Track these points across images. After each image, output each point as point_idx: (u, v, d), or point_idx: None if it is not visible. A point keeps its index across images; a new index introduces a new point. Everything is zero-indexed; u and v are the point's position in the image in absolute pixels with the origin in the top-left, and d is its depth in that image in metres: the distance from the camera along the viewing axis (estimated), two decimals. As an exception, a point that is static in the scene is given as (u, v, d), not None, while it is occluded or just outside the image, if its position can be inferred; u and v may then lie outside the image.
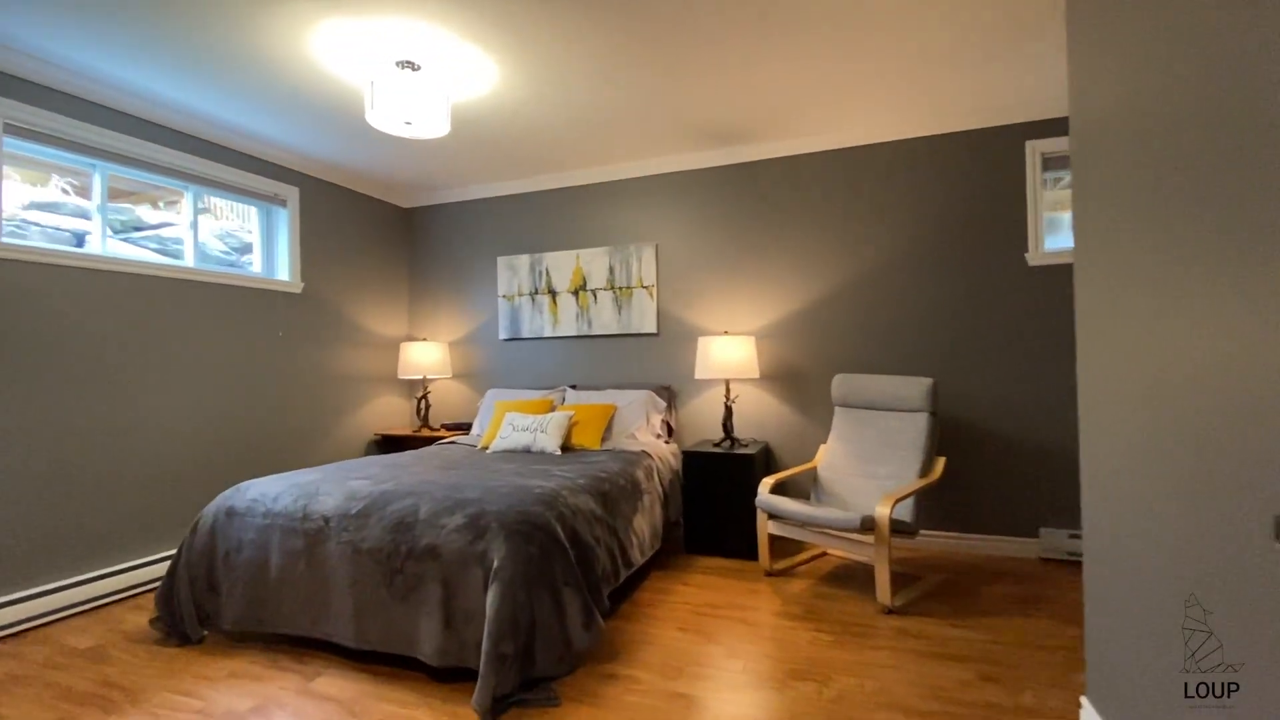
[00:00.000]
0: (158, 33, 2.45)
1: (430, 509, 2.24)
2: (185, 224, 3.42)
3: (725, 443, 3.58)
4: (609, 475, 2.83)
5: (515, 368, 4.44)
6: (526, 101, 3.13)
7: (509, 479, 2.59)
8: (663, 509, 3.28)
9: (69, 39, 2.48)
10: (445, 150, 3.79)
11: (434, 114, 2.74)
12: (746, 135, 3.61)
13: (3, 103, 2.58)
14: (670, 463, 3.53)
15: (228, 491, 2.62)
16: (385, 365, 4.59)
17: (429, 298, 4.76)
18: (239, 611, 2.42)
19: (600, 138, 3.62)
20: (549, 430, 3.43)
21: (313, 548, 2.32)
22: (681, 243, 3.99)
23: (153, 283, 3.13)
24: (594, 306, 4.16)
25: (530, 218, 4.40)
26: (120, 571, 2.92)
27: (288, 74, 2.80)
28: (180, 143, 3.27)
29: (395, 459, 3.17)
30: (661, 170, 4.01)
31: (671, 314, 4.00)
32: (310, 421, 3.97)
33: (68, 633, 2.59)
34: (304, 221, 3.99)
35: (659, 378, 4.03)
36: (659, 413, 3.78)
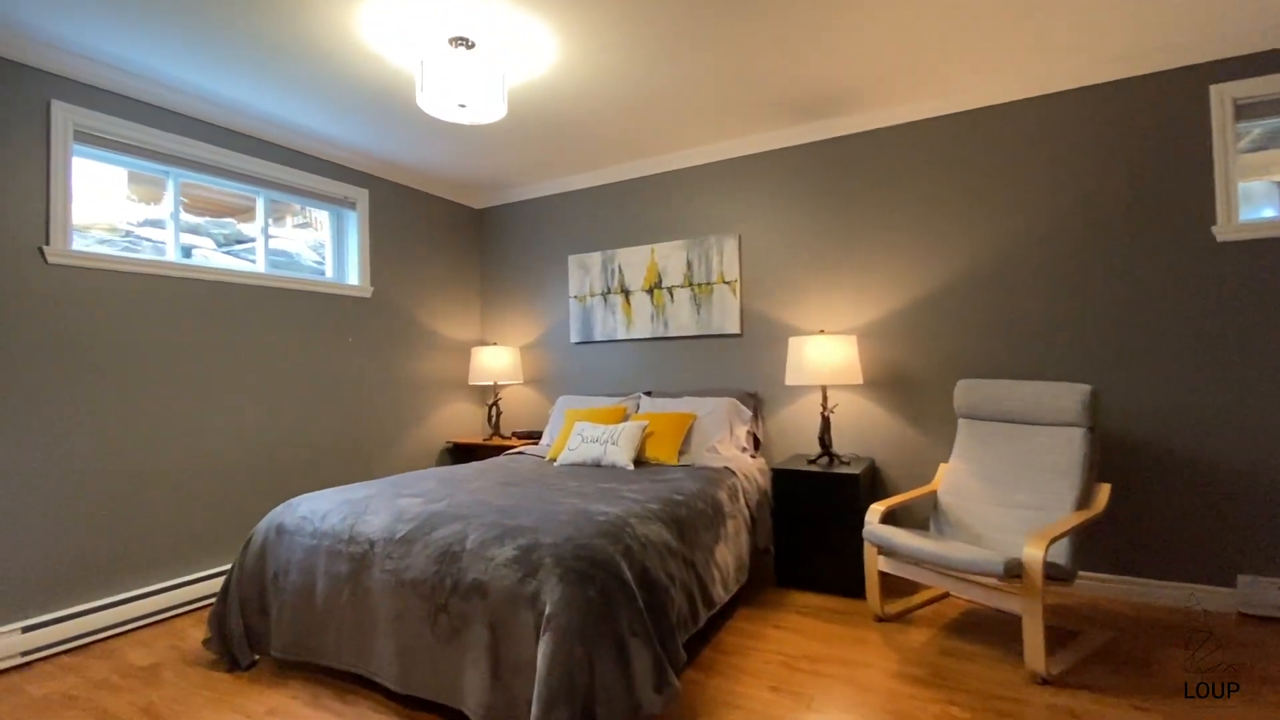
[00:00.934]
0: (205, 27, 2.33)
1: (479, 537, 1.95)
2: (259, 229, 3.38)
3: (822, 459, 3.10)
4: (686, 497, 2.45)
5: (587, 373, 4.15)
6: (589, 81, 2.82)
7: (570, 501, 2.26)
8: (749, 535, 2.85)
9: (124, 38, 2.41)
10: (507, 143, 3.55)
11: (489, 95, 2.47)
12: (841, 105, 3.13)
13: (72, 109, 2.56)
14: (758, 481, 3.10)
15: (279, 507, 2.46)
16: (457, 370, 4.44)
17: (501, 300, 4.57)
18: (286, 639, 2.24)
19: (672, 119, 3.25)
20: (620, 442, 3.09)
21: (357, 575, 2.09)
22: (767, 232, 3.54)
23: (225, 289, 3.08)
24: (670, 306, 3.79)
25: (601, 213, 4.11)
26: (190, 582, 2.86)
27: (338, 60, 2.63)
28: (250, 147, 3.22)
29: (455, 472, 2.94)
30: (743, 152, 3.59)
31: (757, 312, 3.57)
32: (382, 429, 3.86)
33: (132, 647, 2.52)
34: (374, 224, 3.89)
35: (743, 383, 3.59)
36: (744, 423, 3.35)
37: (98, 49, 2.48)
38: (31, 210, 2.45)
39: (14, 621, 2.37)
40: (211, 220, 3.20)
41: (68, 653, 2.47)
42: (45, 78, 2.49)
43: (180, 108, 2.90)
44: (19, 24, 2.29)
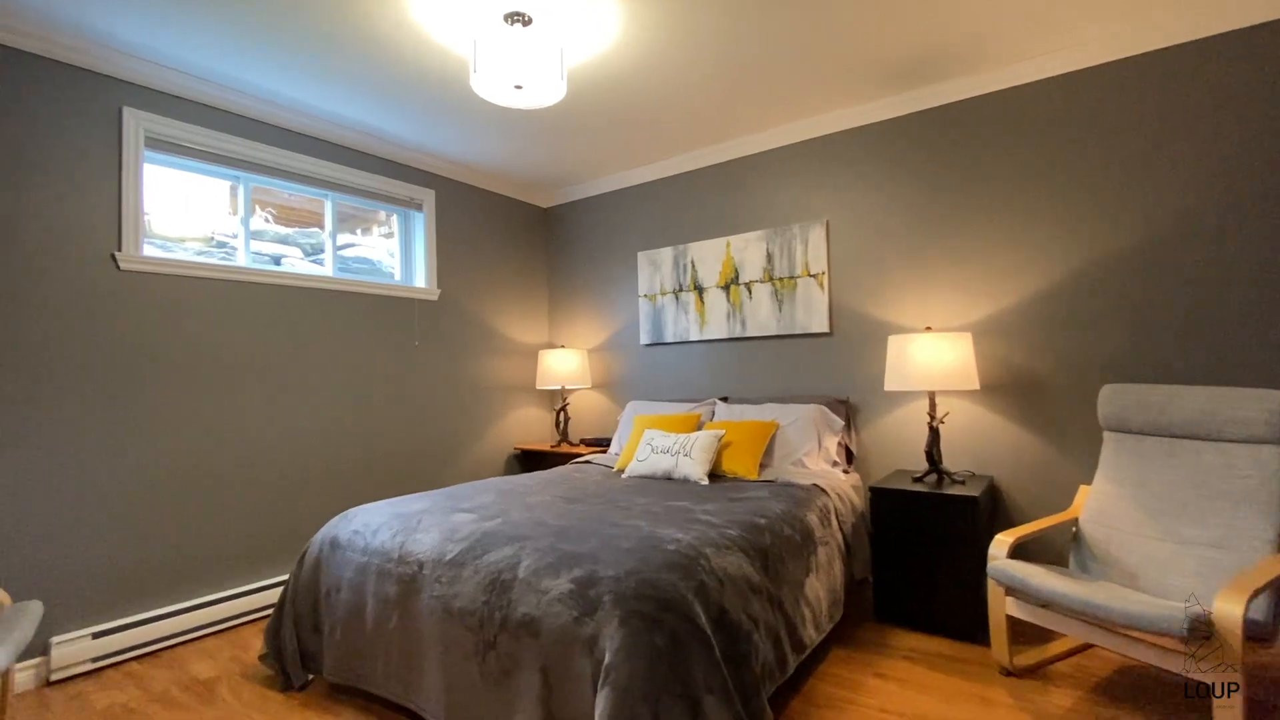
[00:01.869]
0: (265, 24, 2.25)
1: (532, 564, 1.72)
2: (327, 233, 3.34)
3: (930, 477, 2.67)
4: (770, 521, 2.12)
5: (657, 376, 3.88)
6: (655, 58, 2.55)
7: (636, 523, 1.99)
8: (844, 564, 2.48)
9: (189, 41, 2.38)
10: (570, 133, 3.34)
11: (547, 74, 2.26)
12: (948, 66, 2.69)
13: (143, 115, 2.57)
14: (852, 501, 2.71)
15: (335, 519, 2.34)
16: (525, 374, 4.29)
17: (569, 302, 4.39)
18: (336, 661, 2.10)
19: (749, 97, 2.92)
20: (694, 453, 2.79)
21: (405, 599, 1.92)
22: (859, 218, 3.14)
23: (294, 293, 3.05)
24: (748, 303, 3.46)
25: (671, 205, 3.83)
26: (256, 590, 2.82)
27: (393, 47, 2.50)
28: (316, 149, 3.19)
29: (516, 484, 2.74)
30: (830, 129, 3.21)
31: (848, 308, 3.17)
32: (450, 434, 3.76)
33: (197, 657, 2.48)
34: (440, 226, 3.80)
35: (833, 389, 3.20)
36: (834, 434, 2.97)
37: (166, 54, 2.47)
38: (104, 218, 2.46)
39: (85, 627, 2.37)
40: (299, 230, 3.22)
41: (137, 659, 2.46)
42: (116, 85, 2.50)
43: (247, 111, 2.88)
44: (91, 30, 2.30)
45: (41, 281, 2.30)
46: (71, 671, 2.30)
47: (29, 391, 2.27)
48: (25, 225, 2.27)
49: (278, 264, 3.12)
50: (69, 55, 2.36)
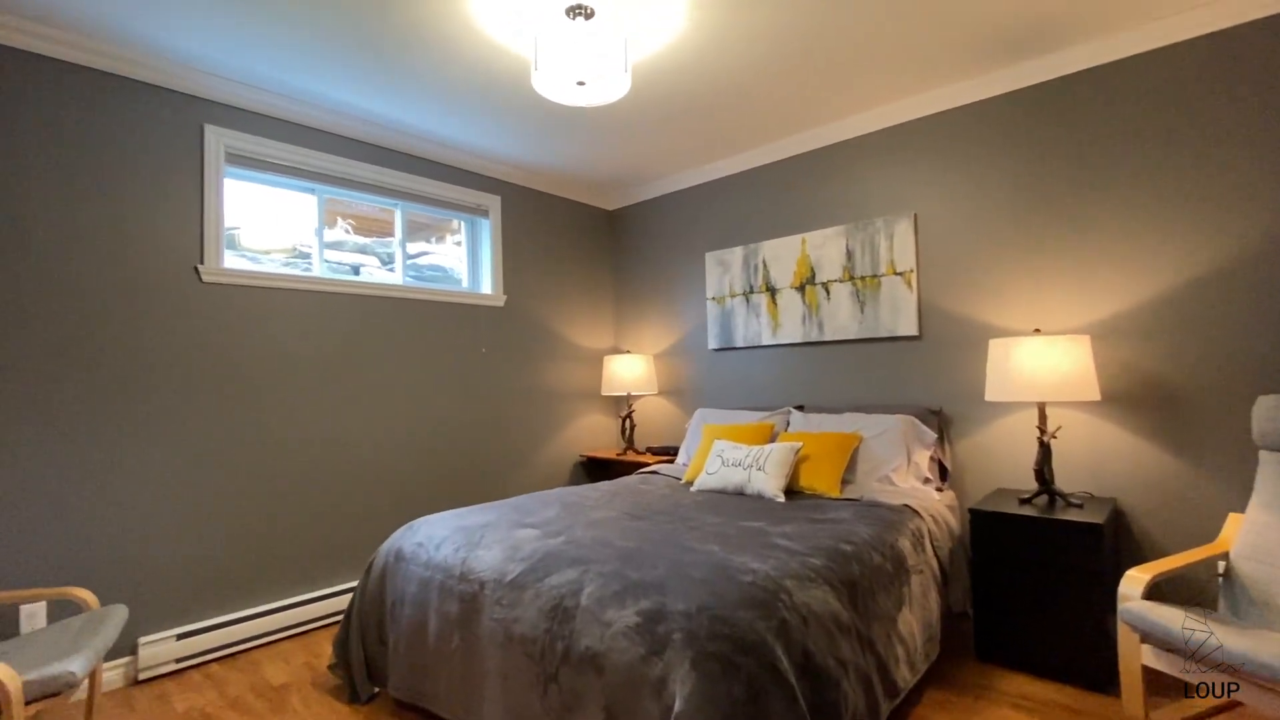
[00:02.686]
0: (331, 34, 2.25)
1: (596, 590, 1.59)
2: (397, 242, 3.37)
3: (1040, 498, 2.37)
4: (858, 548, 1.91)
5: (727, 383, 3.70)
6: (723, 47, 2.38)
7: (707, 547, 1.83)
8: (940, 596, 2.22)
9: (263, 56, 2.42)
10: (634, 131, 3.22)
11: (610, 69, 2.14)
12: (1056, 34, 2.38)
13: (223, 132, 2.64)
14: (949, 524, 2.44)
15: (400, 530, 2.32)
16: (591, 381, 4.21)
17: (634, 306, 4.27)
18: (401, 676, 2.06)
19: (826, 83, 2.70)
20: (768, 467, 2.60)
21: (467, 619, 1.84)
22: (952, 209, 2.85)
23: (365, 302, 3.08)
24: (826, 304, 3.22)
25: (741, 203, 3.64)
26: (329, 596, 2.85)
27: (454, 49, 2.45)
28: (386, 159, 3.22)
29: (581, 496, 2.64)
30: (917, 114, 2.93)
31: (940, 308, 2.88)
32: (515, 441, 3.72)
33: (271, 661, 2.52)
34: (506, 231, 3.77)
35: (923, 397, 2.92)
36: (925, 447, 2.69)
37: (244, 71, 2.53)
38: (187, 231, 2.55)
39: (170, 628, 2.45)
40: (377, 240, 3.28)
41: (217, 661, 2.52)
42: (198, 103, 2.59)
43: (320, 123, 2.93)
44: (174, 52, 2.37)
45: (128, 294, 2.40)
46: (157, 671, 2.38)
47: (116, 401, 2.36)
48: (113, 240, 2.37)
49: (357, 273, 3.18)
50: (154, 76, 2.45)
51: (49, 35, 2.21)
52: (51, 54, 2.24)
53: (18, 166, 2.18)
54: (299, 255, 2.98)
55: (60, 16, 2.14)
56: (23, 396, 2.17)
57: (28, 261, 2.19)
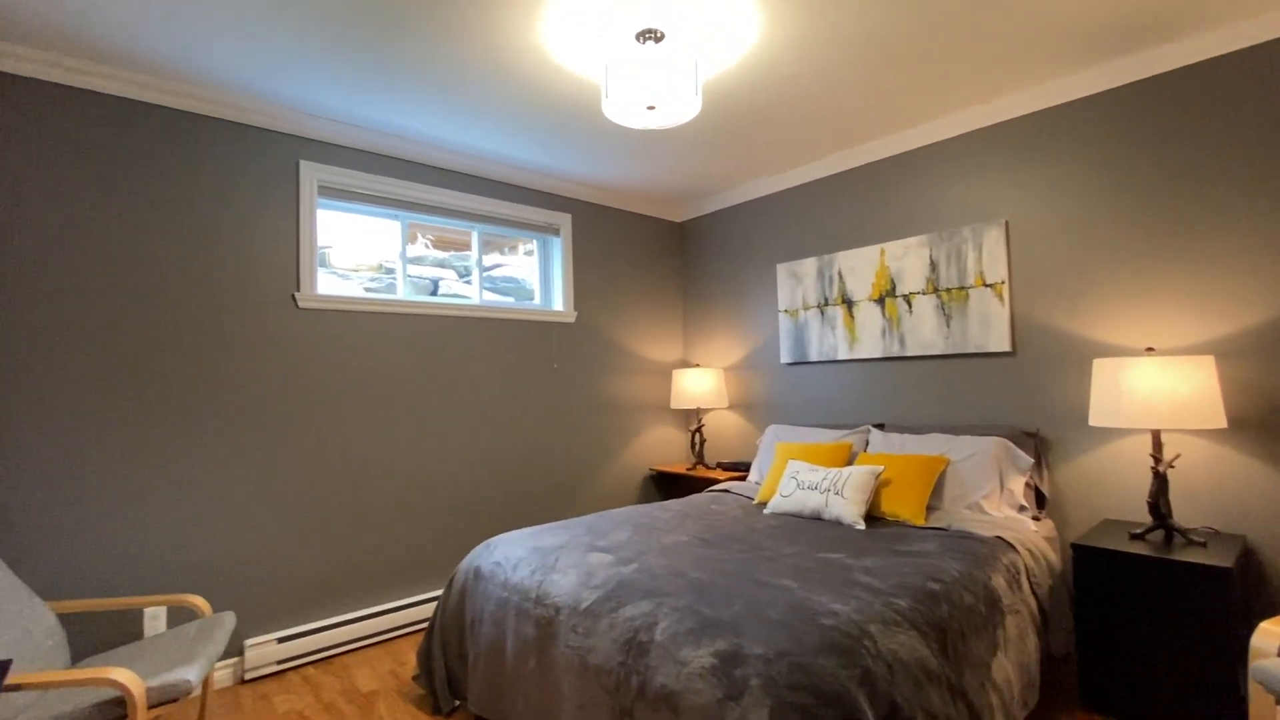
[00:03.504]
0: (409, 68, 2.35)
1: (670, 626, 1.57)
2: (473, 261, 3.49)
3: (1155, 533, 2.16)
4: (947, 587, 1.80)
5: (801, 399, 3.59)
6: (799, 57, 2.31)
7: (784, 584, 1.77)
8: (1039, 638, 2.06)
9: (351, 94, 2.56)
10: (705, 145, 3.18)
11: (681, 91, 2.12)
12: (1164, 25, 2.16)
13: (317, 167, 2.82)
14: (1048, 558, 2.27)
15: (479, 548, 2.38)
16: (660, 394, 4.20)
17: (703, 319, 4.23)
18: (480, 692, 2.11)
19: (905, 88, 2.57)
20: (846, 492, 2.50)
21: (543, 644, 1.87)
22: (1049, 216, 2.65)
23: (445, 322, 3.21)
24: (907, 318, 3.07)
25: (815, 212, 3.53)
26: (413, 604, 2.98)
27: (526, 76, 2.50)
28: (464, 184, 3.33)
29: (652, 517, 2.63)
30: (1007, 115, 2.74)
31: (1035, 323, 2.68)
32: (586, 455, 3.77)
33: (360, 666, 2.65)
34: (576, 248, 3.83)
35: (1017, 418, 2.73)
36: (1020, 473, 2.51)
37: (334, 108, 2.69)
38: (285, 261, 2.73)
39: (271, 632, 2.62)
40: (455, 254, 3.42)
41: (313, 664, 2.68)
42: (294, 141, 2.77)
43: (402, 153, 3.07)
44: (272, 94, 2.55)
45: (231, 321, 2.59)
46: (260, 672, 2.55)
47: (224, 421, 2.56)
48: (215, 270, 2.57)
49: (436, 286, 3.32)
50: (254, 118, 2.64)
51: (168, 88, 2.42)
52: (172, 105, 2.46)
53: (143, 208, 2.40)
54: (385, 271, 3.14)
55: (174, 69, 2.34)
56: (148, 417, 2.39)
57: (153, 296, 2.41)
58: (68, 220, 2.26)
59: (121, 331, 2.35)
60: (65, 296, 2.25)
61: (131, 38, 2.12)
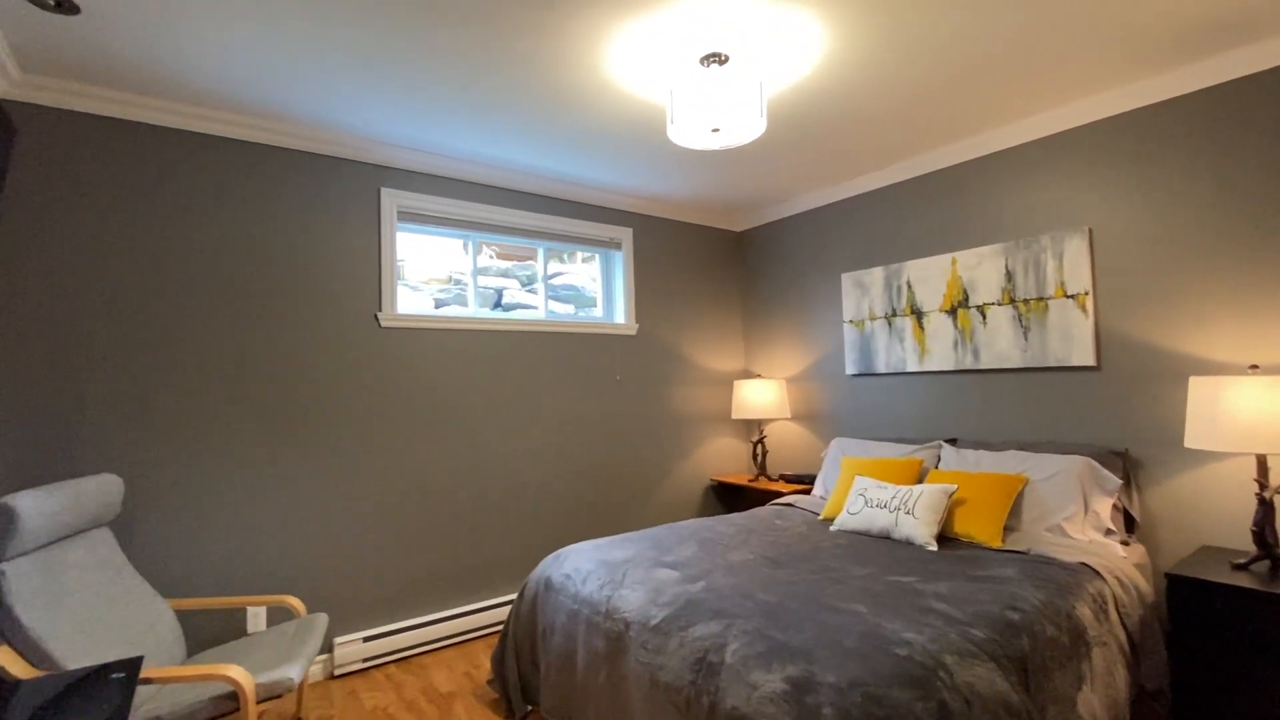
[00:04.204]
0: (484, 100, 2.46)
1: (740, 650, 1.60)
2: (539, 277, 3.61)
3: (1260, 564, 2.01)
4: (1028, 617, 1.74)
5: (867, 411, 3.52)
6: (867, 69, 2.28)
7: (855, 608, 1.76)
8: (1128, 672, 1.96)
9: (426, 123, 2.70)
10: (768, 157, 3.18)
11: (746, 113, 2.14)
12: (1269, 20, 2.01)
13: (396, 193, 2.99)
14: (1138, 587, 2.15)
15: (549, 559, 2.47)
16: (720, 404, 4.21)
17: (764, 329, 4.21)
18: (552, 700, 2.19)
19: (980, 93, 2.49)
20: (917, 511, 2.45)
21: (613, 657, 1.92)
22: (1136, 222, 2.51)
23: (513, 337, 3.33)
24: (981, 329, 2.96)
25: (882, 221, 3.45)
26: (484, 609, 3.11)
27: (592, 105, 2.57)
28: (529, 203, 3.45)
29: (717, 531, 2.65)
30: (1091, 117, 2.61)
31: (1123, 336, 2.55)
32: (648, 465, 3.82)
33: (438, 667, 2.79)
34: (637, 261, 3.89)
35: (1103, 436, 2.60)
36: (1107, 494, 2.39)
37: (412, 138, 2.84)
38: (368, 284, 2.90)
39: (358, 631, 2.80)
40: (517, 264, 3.56)
41: (394, 663, 2.84)
42: (374, 170, 2.94)
43: (472, 177, 3.21)
44: (354, 128, 2.72)
45: (321, 341, 2.78)
46: (349, 669, 2.73)
47: (315, 436, 2.75)
48: (304, 293, 2.76)
49: (500, 296, 3.44)
50: (339, 150, 2.83)
51: (258, 125, 2.63)
52: (265, 141, 2.66)
53: (239, 237, 2.62)
54: (454, 282, 3.28)
55: (268, 109, 2.54)
56: (249, 435, 2.60)
57: (254, 322, 2.62)
58: (197, 251, 2.49)
59: (228, 356, 2.57)
60: (190, 323, 2.48)
61: (256, 91, 2.32)
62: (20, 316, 2.22)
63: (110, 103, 2.35)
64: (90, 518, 2.09)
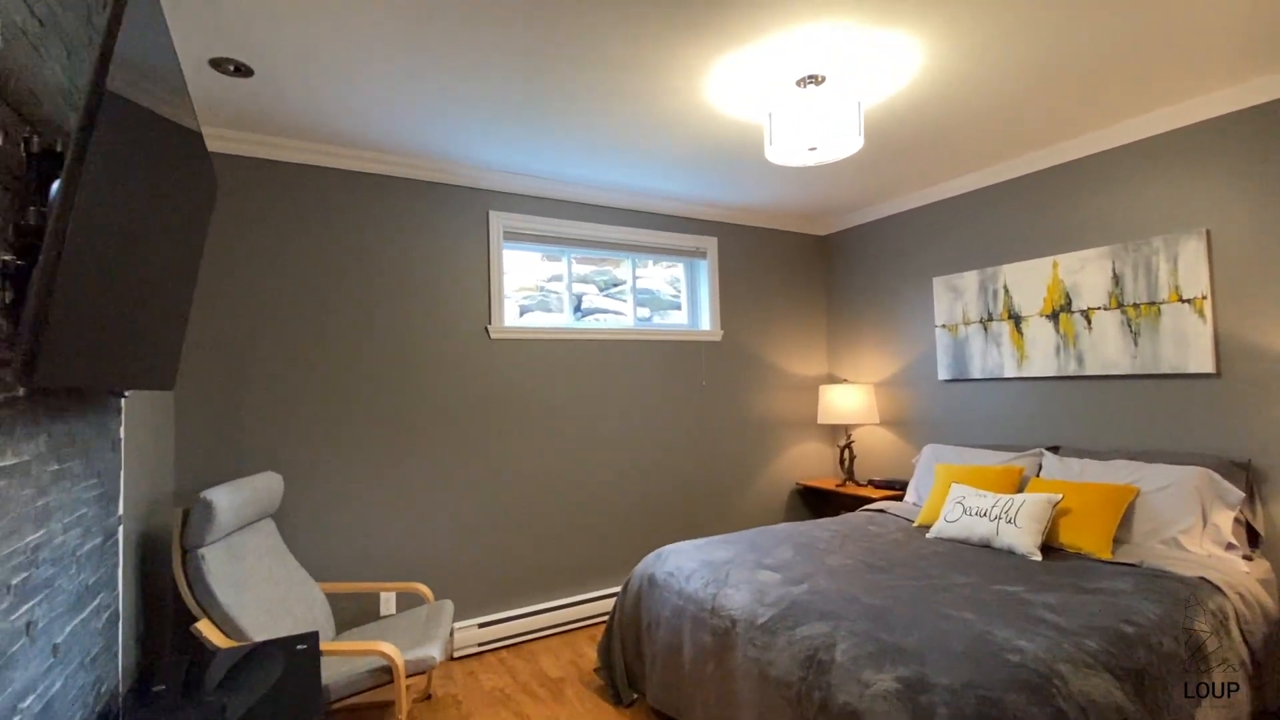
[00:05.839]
0: (588, 127, 2.64)
1: (850, 650, 1.69)
2: (627, 286, 3.78)
3: None
4: (1143, 630, 1.74)
5: (961, 417, 3.48)
6: (963, 79, 2.30)
7: (962, 615, 1.81)
8: (1251, 690, 1.91)
9: (531, 152, 2.92)
10: (861, 167, 3.21)
11: (843, 130, 2.21)
12: None
13: (502, 215, 3.23)
14: (1262, 604, 2.07)
15: (650, 557, 2.63)
16: (805, 409, 4.25)
17: (849, 333, 4.22)
18: (658, 690, 2.35)
19: (1083, 96, 2.44)
20: (1020, 520, 2.44)
21: (721, 652, 2.05)
22: (1260, 222, 2.39)
23: (605, 345, 3.52)
24: (1085, 335, 2.89)
25: (977, 223, 3.41)
26: (584, 601, 3.31)
27: (691, 128, 2.70)
28: (619, 218, 3.62)
29: (812, 536, 2.73)
30: (1207, 114, 2.51)
31: (1245, 341, 2.43)
32: (735, 469, 3.92)
33: (545, 654, 3.01)
34: (722, 269, 3.99)
35: (1223, 447, 2.49)
36: (1228, 507, 2.30)
37: (517, 164, 3.07)
38: (479, 299, 3.16)
39: (474, 618, 3.06)
40: (595, 270, 3.73)
41: (506, 649, 3.08)
42: (484, 194, 3.20)
43: (569, 196, 3.42)
44: (466, 156, 2.97)
45: (443, 353, 3.06)
46: (466, 652, 2.99)
47: (439, 439, 3.03)
48: (424, 309, 3.04)
49: (579, 301, 3.61)
50: (453, 178, 3.09)
51: (392, 160, 2.92)
52: (396, 174, 2.96)
53: (372, 260, 2.92)
54: (540, 290, 3.48)
55: (388, 143, 2.82)
56: (384, 438, 2.90)
57: (371, 335, 2.92)
58: (337, 273, 2.82)
59: (362, 367, 2.88)
60: (330, 338, 2.80)
61: (394, 132, 2.61)
62: (204, 347, 2.58)
63: (271, 147, 2.68)
64: (260, 510, 2.42)
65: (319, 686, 1.62)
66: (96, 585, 1.52)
